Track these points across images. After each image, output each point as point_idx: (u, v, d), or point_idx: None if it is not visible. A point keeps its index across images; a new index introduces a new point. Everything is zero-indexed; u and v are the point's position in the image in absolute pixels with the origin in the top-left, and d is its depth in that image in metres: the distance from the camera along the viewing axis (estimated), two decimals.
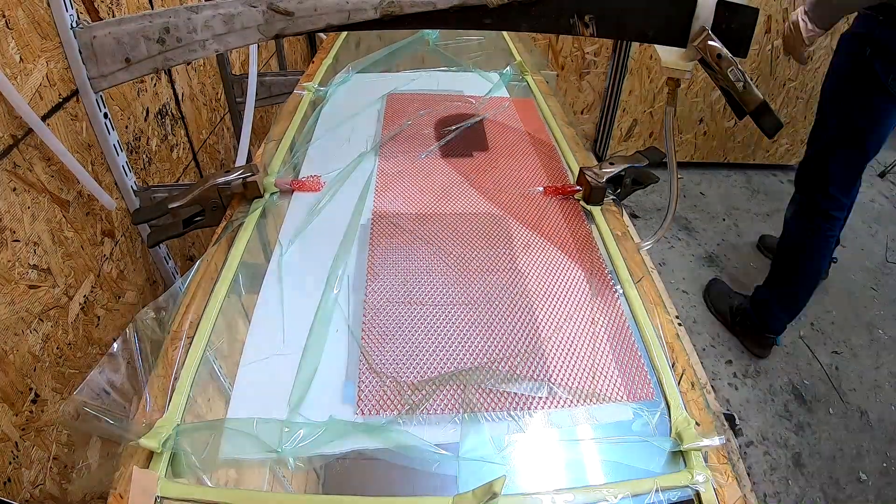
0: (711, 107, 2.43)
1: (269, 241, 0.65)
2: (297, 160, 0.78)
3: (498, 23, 0.57)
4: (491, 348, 0.52)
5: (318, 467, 0.43)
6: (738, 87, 0.57)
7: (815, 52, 2.47)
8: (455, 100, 0.94)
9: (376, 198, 0.71)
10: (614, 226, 0.68)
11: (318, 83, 0.97)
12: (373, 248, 0.62)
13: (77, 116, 0.82)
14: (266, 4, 0.53)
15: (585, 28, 0.56)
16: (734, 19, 0.56)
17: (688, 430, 0.45)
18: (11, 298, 0.70)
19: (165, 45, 0.53)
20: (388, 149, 0.80)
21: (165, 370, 0.48)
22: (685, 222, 2.28)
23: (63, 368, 0.81)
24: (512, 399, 0.48)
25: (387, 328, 0.53)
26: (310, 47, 2.25)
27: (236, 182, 0.67)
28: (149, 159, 1.07)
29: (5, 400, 0.70)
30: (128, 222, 0.97)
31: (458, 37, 1.15)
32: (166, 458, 0.42)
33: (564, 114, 0.93)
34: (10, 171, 0.69)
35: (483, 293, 0.58)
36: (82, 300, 0.85)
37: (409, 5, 0.54)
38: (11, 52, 0.68)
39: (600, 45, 2.37)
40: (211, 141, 1.40)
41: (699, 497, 0.42)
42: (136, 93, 1.01)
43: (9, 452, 0.70)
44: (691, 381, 0.50)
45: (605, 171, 0.71)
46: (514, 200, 0.71)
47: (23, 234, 0.72)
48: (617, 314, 0.56)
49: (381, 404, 0.46)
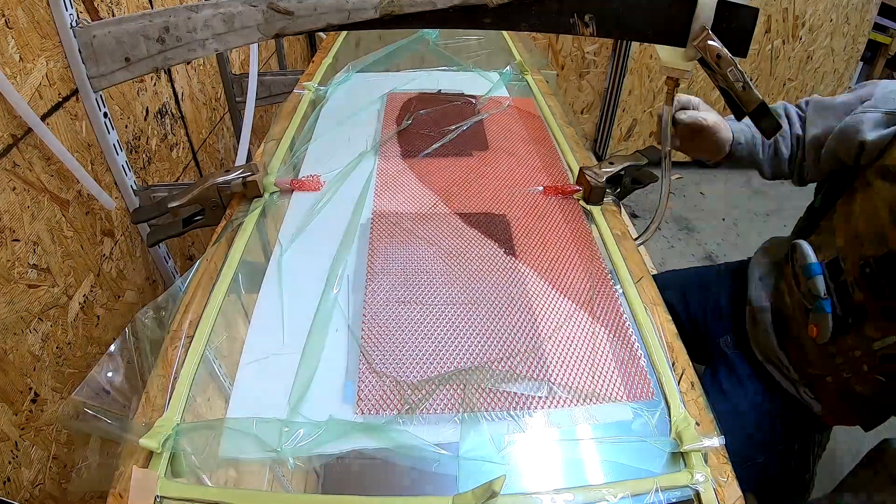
0: (711, 107, 2.43)
1: (268, 240, 0.65)
2: (297, 159, 0.78)
3: (498, 22, 0.57)
4: (491, 348, 0.52)
5: (318, 467, 0.43)
6: (737, 88, 0.57)
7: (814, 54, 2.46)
8: (455, 99, 0.94)
9: (376, 197, 0.70)
10: (614, 226, 0.68)
11: (318, 83, 0.97)
12: (373, 248, 0.62)
13: (77, 116, 0.82)
14: (266, 4, 0.53)
15: (585, 27, 0.56)
16: (734, 19, 0.56)
17: (688, 430, 0.45)
18: (11, 298, 0.70)
19: (165, 45, 0.53)
20: (388, 148, 0.80)
21: (165, 370, 0.48)
22: (685, 222, 2.28)
23: (63, 368, 0.81)
24: (511, 399, 0.48)
25: (387, 328, 0.53)
26: (310, 47, 2.25)
27: (236, 181, 0.67)
28: (148, 159, 1.07)
29: (5, 399, 0.70)
30: (127, 222, 0.97)
31: (458, 36, 1.15)
32: (166, 457, 0.42)
33: (564, 113, 0.93)
34: (9, 171, 0.69)
35: (483, 293, 0.58)
36: (82, 300, 0.85)
37: (409, 5, 0.54)
38: (11, 51, 0.68)
39: (600, 45, 2.37)
40: (211, 140, 1.40)
41: (699, 497, 0.42)
42: (135, 92, 1.01)
43: (8, 452, 0.70)
44: (691, 380, 0.50)
45: (605, 171, 0.71)
46: (513, 200, 0.71)
47: (22, 234, 0.72)
48: (617, 314, 0.56)
49: (381, 404, 0.46)
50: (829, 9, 2.34)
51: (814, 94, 2.57)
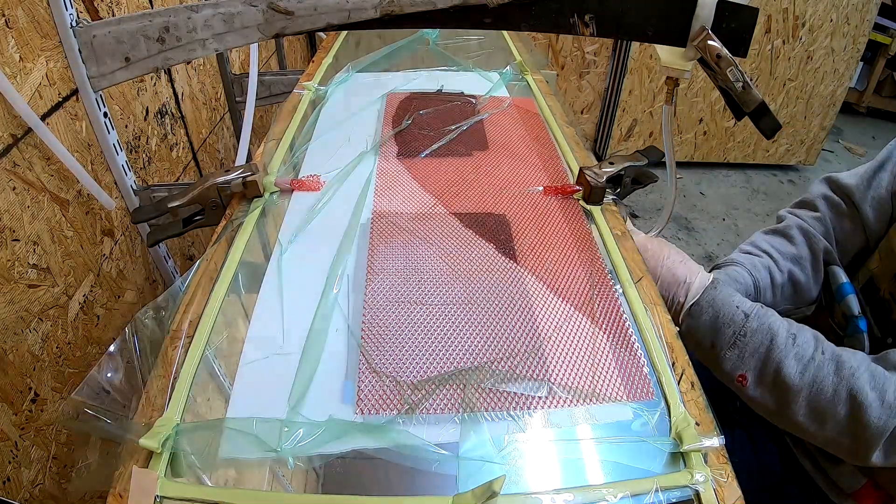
0: (711, 107, 2.43)
1: (268, 240, 0.65)
2: (297, 159, 0.78)
3: (498, 22, 0.57)
4: (491, 348, 0.52)
5: (318, 467, 0.43)
6: (737, 88, 0.57)
7: (816, 53, 2.47)
8: (455, 99, 0.94)
9: (376, 197, 0.70)
10: (614, 226, 0.68)
11: (318, 83, 0.97)
12: (373, 248, 0.62)
13: (77, 116, 0.82)
14: (266, 3, 0.53)
15: (585, 28, 0.56)
16: (734, 19, 0.56)
17: (688, 430, 0.45)
18: (11, 298, 0.70)
19: (165, 45, 0.53)
20: (388, 148, 0.80)
21: (165, 370, 0.48)
22: (685, 222, 2.28)
23: (62, 368, 0.81)
24: (512, 399, 0.48)
25: (387, 328, 0.53)
26: (310, 47, 2.25)
27: (236, 181, 0.67)
28: (148, 158, 1.07)
29: (5, 399, 0.70)
30: (127, 221, 0.97)
31: (458, 36, 1.15)
32: (166, 457, 0.42)
33: (564, 113, 0.93)
34: (9, 171, 0.69)
35: (483, 293, 0.58)
36: (82, 299, 0.85)
37: (409, 5, 0.54)
38: (11, 51, 0.68)
39: (600, 45, 2.37)
40: (211, 140, 1.40)
41: (699, 497, 0.42)
42: (135, 92, 1.01)
43: (8, 452, 0.70)
44: (691, 380, 0.50)
45: (605, 171, 0.71)
46: (513, 200, 0.71)
47: (22, 234, 0.72)
48: (617, 314, 0.56)
49: (381, 404, 0.46)
50: (829, 9, 2.34)
51: (813, 94, 2.57)
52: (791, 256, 0.79)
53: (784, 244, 0.81)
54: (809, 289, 0.79)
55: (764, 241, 0.84)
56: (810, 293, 0.80)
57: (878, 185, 0.74)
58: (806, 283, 0.79)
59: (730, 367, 0.64)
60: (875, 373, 0.58)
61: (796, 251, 0.79)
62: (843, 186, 0.79)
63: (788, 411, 0.61)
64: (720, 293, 0.66)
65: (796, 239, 0.80)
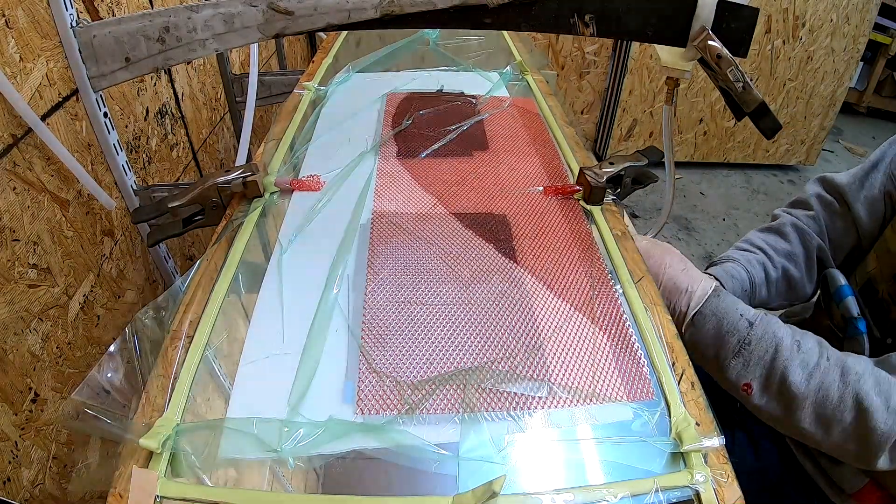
0: (711, 107, 2.44)
1: (268, 240, 0.65)
2: (297, 160, 0.78)
3: (498, 23, 0.57)
4: (491, 348, 0.52)
5: (318, 467, 0.43)
6: (737, 88, 0.57)
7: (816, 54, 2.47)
8: (455, 99, 0.94)
9: (376, 197, 0.70)
10: (614, 226, 0.68)
11: (318, 83, 0.97)
12: (373, 248, 0.62)
13: (77, 116, 0.82)
14: (266, 4, 0.53)
15: (585, 28, 0.56)
16: (734, 19, 0.55)
17: (688, 430, 0.45)
18: (11, 298, 0.70)
19: (165, 45, 0.53)
20: (388, 148, 0.80)
21: (165, 370, 0.48)
22: (685, 222, 2.28)
23: (63, 368, 0.81)
24: (512, 399, 0.48)
25: (387, 328, 0.53)
26: (310, 47, 2.25)
27: (236, 181, 0.67)
28: (149, 159, 1.07)
29: (5, 399, 0.70)
30: (127, 221, 0.97)
31: (458, 36, 1.15)
32: (166, 457, 0.42)
33: (564, 114, 0.93)
34: (9, 171, 0.69)
35: (483, 293, 0.58)
36: (82, 299, 0.85)
37: (410, 5, 0.54)
38: (11, 51, 0.68)
39: (600, 45, 2.37)
40: (211, 140, 1.40)
41: (699, 497, 0.42)
42: (135, 92, 1.01)
43: (8, 452, 0.70)
44: (691, 380, 0.50)
45: (605, 171, 0.71)
46: (513, 200, 0.71)
47: (22, 234, 0.72)
48: (617, 314, 0.56)
49: (381, 404, 0.46)
50: (829, 9, 2.34)
51: (813, 94, 2.57)
52: (785, 253, 0.80)
53: (778, 241, 0.82)
54: (803, 285, 0.80)
55: (759, 238, 0.85)
56: (804, 289, 0.81)
57: (871, 185, 0.75)
58: (800, 280, 0.79)
59: (735, 375, 0.63)
60: (879, 378, 0.58)
61: (790, 248, 0.80)
62: (835, 186, 0.80)
63: (794, 418, 0.61)
64: (723, 301, 0.66)
65: (790, 236, 0.81)
